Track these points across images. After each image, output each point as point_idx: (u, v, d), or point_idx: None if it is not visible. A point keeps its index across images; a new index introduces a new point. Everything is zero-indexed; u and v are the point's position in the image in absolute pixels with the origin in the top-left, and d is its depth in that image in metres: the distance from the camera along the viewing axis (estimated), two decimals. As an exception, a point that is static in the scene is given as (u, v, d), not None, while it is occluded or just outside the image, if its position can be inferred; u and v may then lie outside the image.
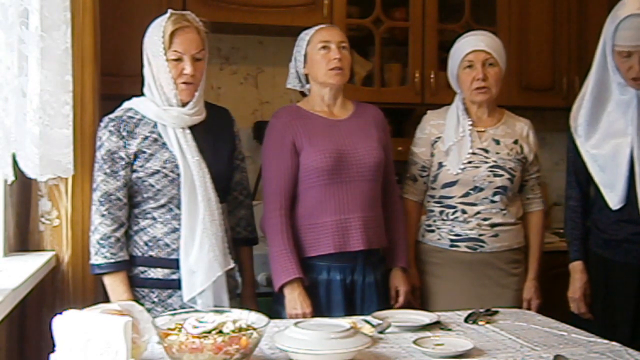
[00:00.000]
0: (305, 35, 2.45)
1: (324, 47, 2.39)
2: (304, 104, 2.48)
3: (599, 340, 1.87)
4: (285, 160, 2.36)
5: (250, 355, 1.56)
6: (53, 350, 1.49)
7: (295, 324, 1.70)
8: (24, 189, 2.24)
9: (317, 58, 2.39)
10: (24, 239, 2.27)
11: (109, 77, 2.86)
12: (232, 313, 1.67)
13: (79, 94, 2.22)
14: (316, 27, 2.46)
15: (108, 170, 2.14)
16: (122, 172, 2.15)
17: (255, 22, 3.22)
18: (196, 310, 1.76)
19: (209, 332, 1.50)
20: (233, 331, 1.52)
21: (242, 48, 3.57)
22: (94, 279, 2.32)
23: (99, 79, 2.42)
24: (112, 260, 2.13)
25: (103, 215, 2.14)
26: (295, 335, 1.63)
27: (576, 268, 2.53)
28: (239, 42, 3.55)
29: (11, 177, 1.78)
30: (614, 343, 1.83)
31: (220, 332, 1.51)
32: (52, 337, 1.49)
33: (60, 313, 1.51)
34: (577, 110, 2.51)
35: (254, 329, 1.55)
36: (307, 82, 2.48)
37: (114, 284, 2.14)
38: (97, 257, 2.13)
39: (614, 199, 2.40)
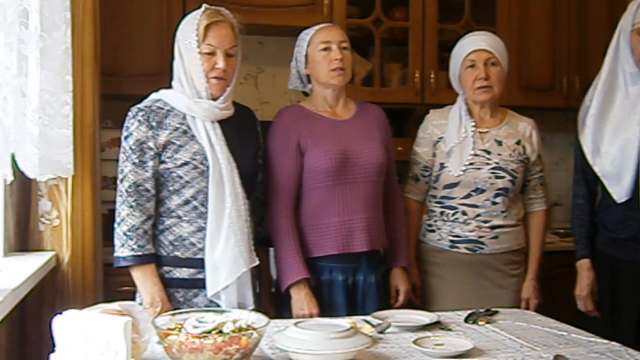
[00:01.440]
0: (306, 36, 2.44)
1: (325, 48, 2.37)
2: (306, 104, 2.47)
3: (599, 340, 1.86)
4: (291, 160, 2.35)
5: (250, 355, 1.56)
6: (53, 350, 1.49)
7: (295, 324, 1.70)
8: (24, 189, 2.24)
9: (318, 59, 2.38)
10: (24, 239, 2.26)
11: (109, 77, 2.87)
12: (232, 313, 1.67)
13: (79, 94, 2.22)
14: (316, 27, 2.44)
15: (137, 161, 2.11)
16: (150, 163, 2.11)
17: (255, 22, 3.21)
18: (197, 310, 1.76)
19: (209, 332, 1.50)
20: (233, 331, 1.52)
21: (242, 48, 3.57)
22: (94, 279, 2.32)
23: (99, 79, 2.43)
24: (140, 253, 2.08)
25: (131, 207, 2.09)
26: (295, 335, 1.63)
27: (583, 266, 2.53)
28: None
29: (10, 177, 1.78)
30: (614, 343, 1.83)
31: (220, 332, 1.51)
32: (52, 337, 1.49)
33: (60, 313, 1.51)
34: (588, 101, 2.52)
35: (254, 329, 1.55)
36: (309, 82, 2.47)
37: (144, 277, 2.10)
38: (123, 249, 2.09)
39: (619, 192, 2.39)
